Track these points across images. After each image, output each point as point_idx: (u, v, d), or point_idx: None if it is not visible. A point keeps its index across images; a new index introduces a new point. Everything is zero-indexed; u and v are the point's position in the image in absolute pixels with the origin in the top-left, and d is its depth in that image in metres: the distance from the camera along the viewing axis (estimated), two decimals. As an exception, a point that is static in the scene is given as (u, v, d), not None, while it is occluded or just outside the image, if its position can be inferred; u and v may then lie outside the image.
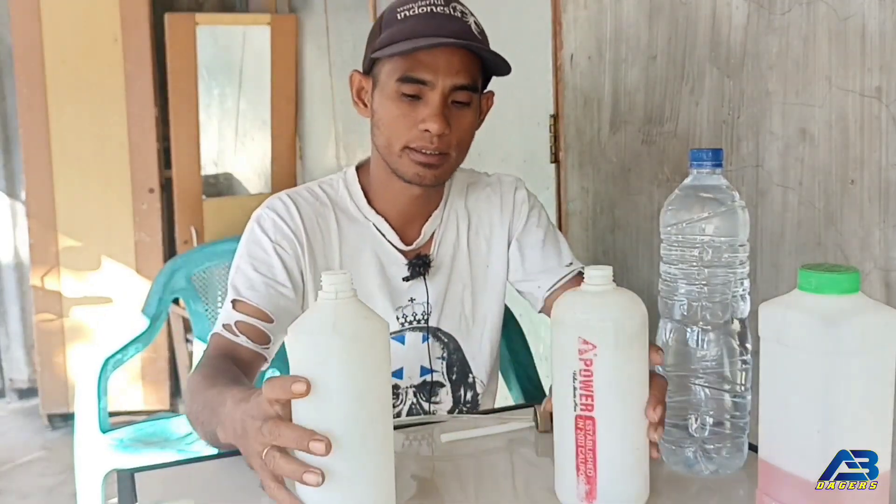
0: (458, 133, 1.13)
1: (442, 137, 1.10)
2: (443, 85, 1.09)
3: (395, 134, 1.12)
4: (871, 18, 0.98)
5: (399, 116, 1.11)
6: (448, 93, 1.10)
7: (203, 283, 2.56)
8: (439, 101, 1.10)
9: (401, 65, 1.10)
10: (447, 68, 1.09)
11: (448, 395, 1.25)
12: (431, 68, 1.09)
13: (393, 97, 1.12)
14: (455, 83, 1.10)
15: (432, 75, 1.09)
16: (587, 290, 0.80)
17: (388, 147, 1.14)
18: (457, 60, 1.10)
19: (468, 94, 1.12)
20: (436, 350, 1.24)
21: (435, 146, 1.11)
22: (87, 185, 3.46)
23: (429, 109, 1.10)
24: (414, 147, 1.11)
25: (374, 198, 1.22)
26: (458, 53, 1.10)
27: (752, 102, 1.17)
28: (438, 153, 1.11)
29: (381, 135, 1.15)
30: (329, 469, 0.74)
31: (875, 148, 0.99)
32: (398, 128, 1.12)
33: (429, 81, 1.09)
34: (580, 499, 0.79)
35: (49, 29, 3.39)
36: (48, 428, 3.62)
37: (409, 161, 1.12)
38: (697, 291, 0.88)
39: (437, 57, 1.09)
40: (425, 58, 1.09)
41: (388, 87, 1.12)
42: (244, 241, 1.20)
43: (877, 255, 1.00)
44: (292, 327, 0.76)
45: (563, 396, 0.78)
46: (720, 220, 0.87)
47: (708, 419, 0.89)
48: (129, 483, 0.90)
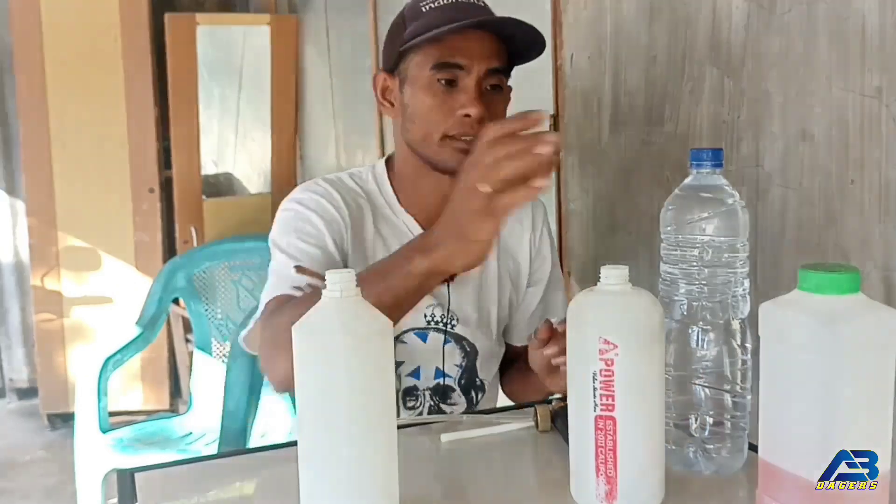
0: (494, 118, 1.11)
1: (481, 122, 1.09)
2: (478, 68, 1.10)
3: (432, 123, 1.11)
4: (871, 19, 0.98)
5: (436, 105, 1.11)
6: (483, 77, 1.10)
7: (203, 283, 2.56)
8: (475, 85, 1.10)
9: (434, 52, 1.10)
10: (481, 52, 1.10)
11: (461, 397, 1.25)
12: (466, 52, 1.09)
13: (427, 87, 1.11)
14: (490, 66, 1.10)
15: (468, 59, 1.09)
16: (605, 289, 0.79)
17: (425, 139, 1.13)
18: (488, 44, 1.11)
19: (501, 77, 1.13)
20: (455, 357, 1.24)
21: (475, 131, 1.09)
22: (87, 185, 3.47)
23: (467, 94, 1.10)
24: (453, 135, 1.11)
25: (403, 197, 1.21)
26: (488, 38, 1.11)
27: (752, 102, 1.17)
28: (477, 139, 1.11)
29: (416, 128, 1.14)
30: (333, 467, 0.74)
31: (875, 148, 0.99)
32: (436, 117, 1.11)
33: (465, 65, 1.10)
34: (600, 499, 0.79)
35: (49, 29, 3.39)
36: (48, 428, 3.62)
37: (451, 150, 1.11)
38: (697, 291, 0.88)
39: (471, 41, 1.10)
40: (459, 42, 1.09)
41: (421, 78, 1.12)
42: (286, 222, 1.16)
43: (877, 255, 1.00)
44: (296, 326, 0.76)
45: (582, 397, 0.78)
46: (720, 219, 0.87)
47: (708, 419, 0.89)
48: (129, 483, 0.90)
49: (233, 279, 2.60)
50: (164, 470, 0.96)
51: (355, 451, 0.74)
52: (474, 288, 1.24)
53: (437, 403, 1.23)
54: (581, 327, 0.79)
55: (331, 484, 0.75)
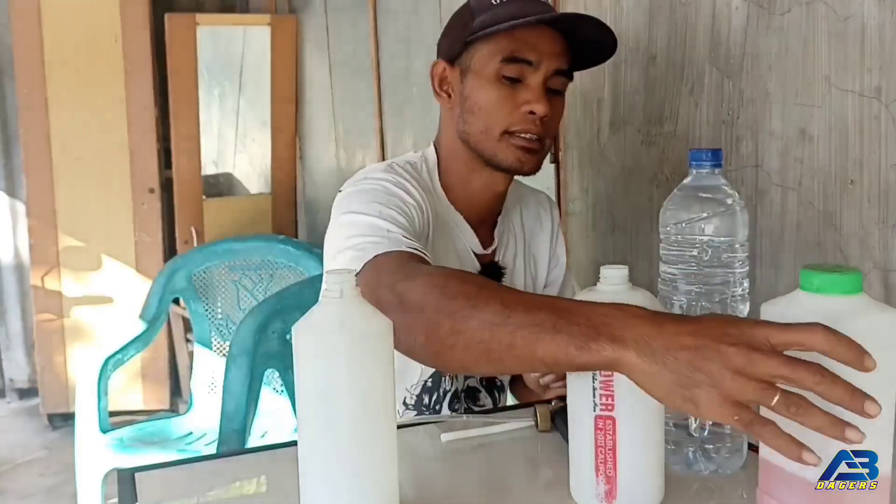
0: (555, 119, 1.11)
1: (544, 121, 1.08)
2: (546, 66, 1.08)
3: (495, 118, 1.09)
4: (871, 19, 0.98)
5: (500, 99, 1.08)
6: (549, 76, 1.09)
7: (203, 283, 2.56)
8: (542, 83, 1.08)
9: (504, 45, 1.08)
10: (551, 50, 1.08)
11: (487, 398, 1.26)
12: (536, 49, 1.07)
13: (493, 80, 1.09)
14: (557, 66, 1.09)
15: (537, 56, 1.07)
16: (604, 289, 0.80)
17: (485, 132, 1.11)
18: (559, 44, 1.09)
19: (564, 80, 1.11)
20: None
21: (537, 129, 1.08)
22: (87, 185, 3.47)
23: (532, 92, 1.08)
24: (514, 131, 1.09)
25: (451, 194, 1.18)
26: (559, 38, 1.09)
27: (752, 103, 1.17)
28: (538, 138, 1.09)
29: (476, 121, 1.11)
30: (333, 467, 0.74)
31: (875, 148, 0.99)
32: (499, 111, 1.09)
33: (534, 62, 1.08)
34: (599, 499, 0.79)
35: (49, 29, 3.39)
36: (48, 428, 3.62)
37: (510, 146, 1.09)
38: (697, 291, 0.88)
39: (542, 38, 1.08)
40: (531, 38, 1.07)
41: (487, 70, 1.09)
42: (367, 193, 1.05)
43: (876, 255, 1.00)
44: (297, 326, 0.76)
45: (581, 397, 0.78)
46: (719, 220, 0.87)
47: (707, 419, 0.89)
48: (130, 483, 0.90)
49: (233, 279, 2.60)
50: (164, 470, 0.96)
51: (355, 451, 0.74)
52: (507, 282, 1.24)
53: (470, 407, 1.24)
54: (581, 327, 0.79)
55: (331, 484, 0.75)
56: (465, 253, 1.18)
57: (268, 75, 3.54)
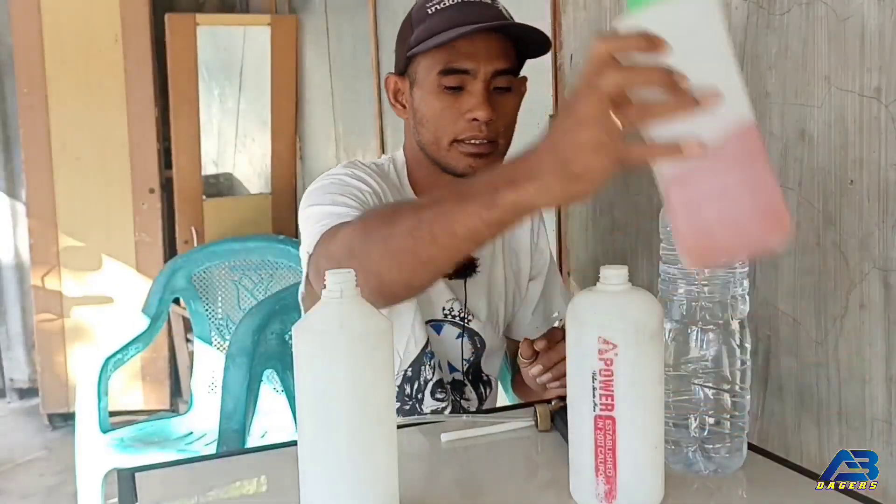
0: (503, 119, 1.12)
1: (490, 125, 1.10)
2: (484, 72, 1.09)
3: (441, 128, 1.12)
4: (871, 19, 0.98)
5: (444, 109, 1.11)
6: (490, 79, 1.10)
7: (203, 283, 2.56)
8: (483, 88, 1.10)
9: (440, 57, 1.10)
10: (487, 55, 1.09)
11: (472, 392, 1.26)
12: (472, 57, 1.09)
13: (435, 91, 1.11)
14: (496, 68, 1.10)
15: (473, 63, 1.09)
16: (604, 289, 0.80)
17: (435, 143, 1.13)
18: (495, 46, 1.10)
19: (509, 78, 1.12)
20: (467, 351, 1.24)
21: (484, 135, 1.10)
22: (87, 185, 3.47)
23: (474, 98, 1.09)
24: (462, 139, 1.11)
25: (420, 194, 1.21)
26: (494, 39, 1.10)
27: (752, 102, 1.17)
28: (487, 142, 1.11)
29: (426, 132, 1.14)
30: (333, 467, 0.74)
31: (874, 148, 0.99)
32: (444, 121, 1.11)
33: (471, 70, 1.09)
34: (599, 499, 0.79)
35: (49, 29, 3.39)
36: (49, 428, 3.62)
37: (459, 154, 1.12)
38: (697, 291, 0.88)
39: (476, 45, 1.09)
40: (464, 47, 1.09)
41: (428, 83, 1.12)
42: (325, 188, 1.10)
43: (876, 255, 1.00)
44: (297, 326, 0.77)
45: (582, 396, 0.78)
46: (719, 220, 0.87)
47: (707, 419, 0.89)
48: (130, 483, 0.90)
49: (233, 279, 2.60)
50: (164, 470, 0.96)
51: (355, 451, 0.74)
52: (484, 285, 1.25)
53: (458, 400, 1.24)
54: (580, 327, 0.79)
55: (331, 484, 0.75)
56: None
57: (268, 75, 3.54)
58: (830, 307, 1.07)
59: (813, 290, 1.09)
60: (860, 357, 1.03)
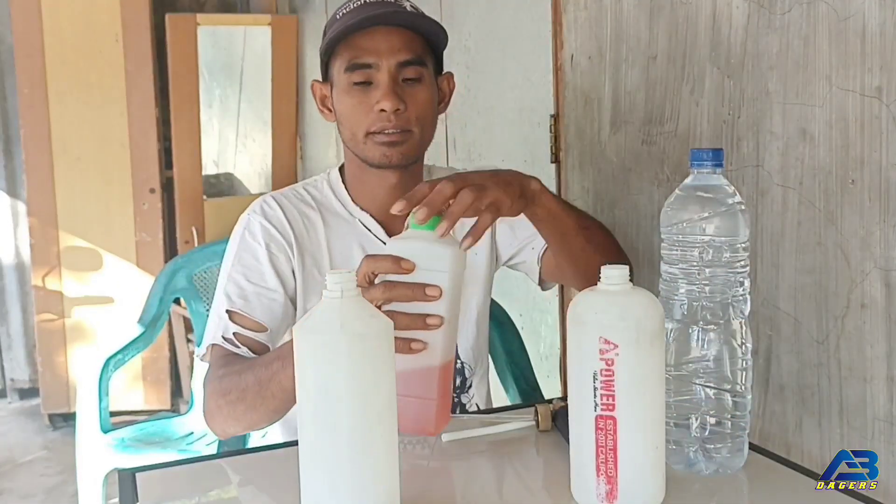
0: (415, 109, 1.16)
1: (399, 114, 1.14)
2: (387, 64, 1.14)
3: (355, 123, 1.17)
4: (872, 18, 0.98)
5: (355, 105, 1.16)
6: (395, 71, 1.14)
7: (204, 283, 2.56)
8: (388, 80, 1.14)
9: (345, 56, 1.16)
10: (388, 48, 1.14)
11: None
12: (373, 51, 1.14)
13: (346, 90, 1.16)
14: (399, 59, 1.14)
15: (375, 57, 1.14)
16: (605, 289, 0.80)
17: (353, 138, 1.18)
18: (396, 39, 1.15)
19: (416, 69, 1.16)
20: None
21: (393, 124, 1.14)
22: (87, 185, 3.47)
23: (380, 90, 1.14)
24: (375, 130, 1.15)
25: (356, 195, 1.25)
26: (396, 33, 1.15)
27: (752, 102, 1.17)
28: (400, 130, 1.15)
29: (345, 129, 1.19)
30: (333, 467, 0.74)
31: (875, 148, 0.99)
32: (357, 116, 1.16)
33: (373, 63, 1.14)
34: (600, 499, 0.79)
35: (50, 29, 3.39)
36: (49, 428, 3.62)
37: (374, 144, 1.16)
38: (698, 291, 0.88)
39: (377, 39, 1.14)
40: (365, 43, 1.14)
41: (341, 82, 1.17)
42: (233, 247, 1.23)
43: (877, 255, 1.00)
44: (297, 326, 0.77)
45: (583, 397, 0.78)
46: (720, 219, 0.87)
47: (708, 419, 0.89)
48: (131, 483, 0.90)
49: (233, 279, 2.59)
50: (165, 470, 0.96)
51: (355, 451, 0.74)
52: None
53: None
54: (581, 327, 0.79)
55: (331, 484, 0.75)
56: (374, 245, 1.23)
57: (268, 75, 3.54)
58: (831, 307, 1.06)
59: (814, 289, 1.09)
60: (861, 357, 1.03)
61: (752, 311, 0.90)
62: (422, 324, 0.84)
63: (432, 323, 0.84)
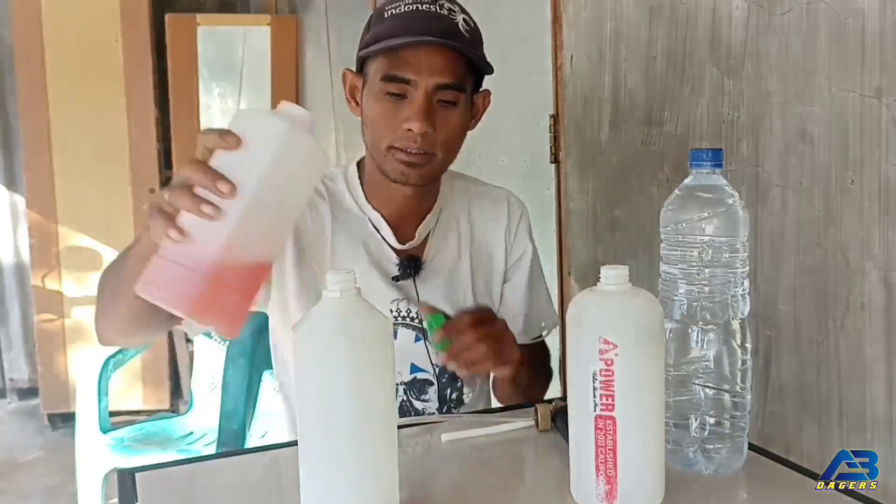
0: (444, 133, 1.11)
1: (426, 137, 1.09)
2: (426, 84, 1.08)
3: (380, 133, 1.12)
4: (871, 18, 0.98)
5: (384, 116, 1.11)
6: (432, 92, 1.09)
7: (203, 283, 2.55)
8: (422, 100, 1.09)
9: (384, 63, 1.10)
10: (430, 67, 1.08)
11: (435, 394, 1.25)
12: (414, 67, 1.08)
13: (378, 96, 1.11)
14: (438, 82, 1.09)
15: (415, 74, 1.08)
16: (604, 289, 0.80)
17: (374, 146, 1.15)
18: (440, 59, 1.09)
19: (454, 93, 1.11)
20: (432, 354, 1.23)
21: (419, 146, 1.10)
22: (87, 185, 3.47)
23: (412, 109, 1.09)
24: (398, 146, 1.11)
25: (371, 194, 1.22)
26: (441, 52, 1.09)
27: (752, 102, 1.17)
28: (423, 153, 1.11)
29: (368, 134, 1.15)
30: (333, 467, 0.74)
31: (875, 148, 0.99)
32: (383, 127, 1.11)
33: (412, 80, 1.09)
34: (600, 499, 0.79)
35: (50, 29, 3.39)
36: (49, 428, 3.62)
37: (394, 160, 1.12)
38: (697, 291, 0.88)
39: (420, 55, 1.08)
40: (408, 56, 1.08)
41: (373, 86, 1.12)
42: None
43: (877, 255, 1.00)
44: (297, 326, 0.76)
45: (582, 397, 0.78)
46: (720, 220, 0.87)
47: (708, 419, 0.89)
48: (130, 483, 0.90)
49: (233, 279, 2.59)
50: (164, 470, 0.96)
51: (355, 450, 0.74)
52: (444, 281, 1.23)
53: (409, 399, 1.23)
54: (581, 327, 0.79)
55: (331, 484, 0.75)
56: (380, 246, 1.21)
57: (268, 75, 3.54)
58: (831, 307, 1.06)
59: (813, 289, 1.09)
60: (861, 357, 1.03)
61: (751, 312, 0.90)
62: (213, 186, 0.80)
63: (221, 188, 0.79)
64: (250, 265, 0.82)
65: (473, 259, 1.27)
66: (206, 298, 0.79)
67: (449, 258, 1.25)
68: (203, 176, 0.80)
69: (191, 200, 0.79)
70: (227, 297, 0.81)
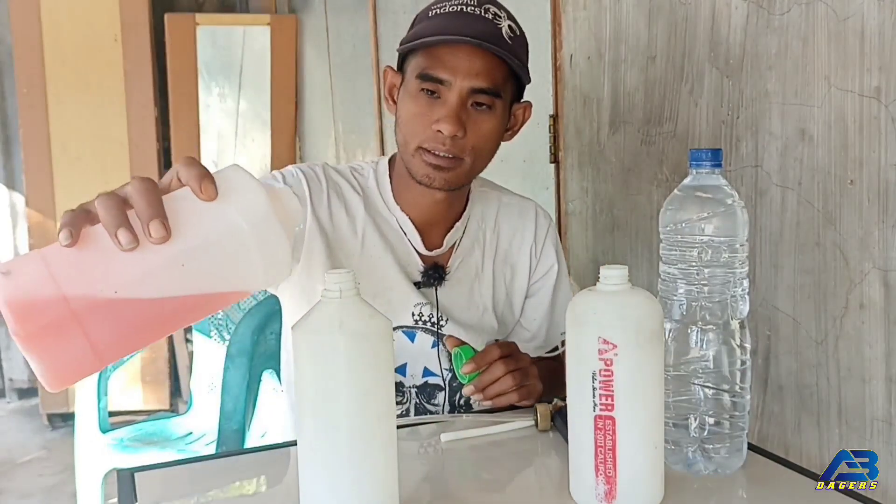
0: (474, 138, 1.09)
1: (455, 140, 1.08)
2: (460, 86, 1.07)
3: (410, 132, 1.10)
4: (871, 19, 0.98)
5: (416, 114, 1.09)
6: (466, 95, 1.07)
7: (203, 283, 2.55)
8: (455, 101, 1.07)
9: (422, 62, 1.09)
10: (467, 69, 1.07)
11: (445, 400, 1.25)
12: (450, 67, 1.07)
13: (413, 94, 1.10)
14: (473, 85, 1.07)
15: (450, 74, 1.07)
16: (604, 289, 0.80)
17: (404, 145, 1.13)
18: (478, 62, 1.07)
19: (489, 97, 1.09)
20: (444, 360, 1.23)
21: (447, 148, 1.08)
22: (87, 185, 3.46)
23: (444, 110, 1.07)
24: (426, 147, 1.09)
25: (399, 195, 1.20)
26: (479, 54, 1.07)
27: (752, 102, 1.17)
28: (451, 156, 1.09)
29: (400, 132, 1.13)
30: (333, 467, 0.74)
31: (874, 148, 0.99)
32: (414, 126, 1.10)
33: (446, 81, 1.07)
34: (599, 499, 0.79)
35: (49, 29, 3.39)
36: (48, 427, 3.62)
37: (421, 161, 1.10)
38: (697, 291, 0.88)
39: (458, 56, 1.07)
40: (445, 56, 1.07)
41: (410, 84, 1.11)
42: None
43: (876, 255, 1.00)
44: (297, 326, 0.76)
45: (581, 397, 0.78)
46: (719, 220, 0.87)
47: (707, 419, 0.89)
48: (130, 483, 0.90)
49: (233, 279, 2.59)
50: (164, 470, 0.96)
51: (355, 451, 0.74)
52: (467, 288, 1.23)
53: (422, 402, 1.23)
54: (580, 327, 0.79)
55: (331, 484, 0.75)
56: (406, 251, 1.20)
57: (268, 75, 3.54)
58: (830, 307, 1.07)
59: (813, 289, 1.09)
60: (860, 357, 1.03)
61: (750, 312, 0.90)
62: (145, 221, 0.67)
63: (151, 229, 0.66)
64: (130, 322, 0.66)
65: (496, 272, 1.26)
66: (49, 325, 0.63)
67: (473, 269, 1.24)
68: (146, 206, 0.69)
69: (113, 218, 0.69)
70: (74, 343, 0.64)
